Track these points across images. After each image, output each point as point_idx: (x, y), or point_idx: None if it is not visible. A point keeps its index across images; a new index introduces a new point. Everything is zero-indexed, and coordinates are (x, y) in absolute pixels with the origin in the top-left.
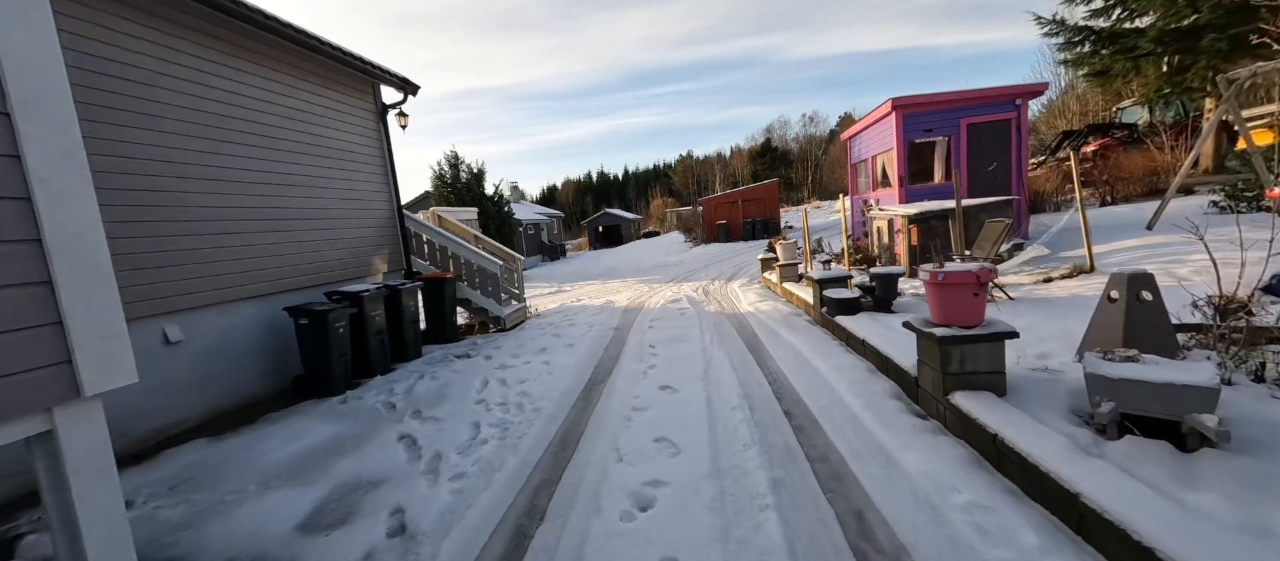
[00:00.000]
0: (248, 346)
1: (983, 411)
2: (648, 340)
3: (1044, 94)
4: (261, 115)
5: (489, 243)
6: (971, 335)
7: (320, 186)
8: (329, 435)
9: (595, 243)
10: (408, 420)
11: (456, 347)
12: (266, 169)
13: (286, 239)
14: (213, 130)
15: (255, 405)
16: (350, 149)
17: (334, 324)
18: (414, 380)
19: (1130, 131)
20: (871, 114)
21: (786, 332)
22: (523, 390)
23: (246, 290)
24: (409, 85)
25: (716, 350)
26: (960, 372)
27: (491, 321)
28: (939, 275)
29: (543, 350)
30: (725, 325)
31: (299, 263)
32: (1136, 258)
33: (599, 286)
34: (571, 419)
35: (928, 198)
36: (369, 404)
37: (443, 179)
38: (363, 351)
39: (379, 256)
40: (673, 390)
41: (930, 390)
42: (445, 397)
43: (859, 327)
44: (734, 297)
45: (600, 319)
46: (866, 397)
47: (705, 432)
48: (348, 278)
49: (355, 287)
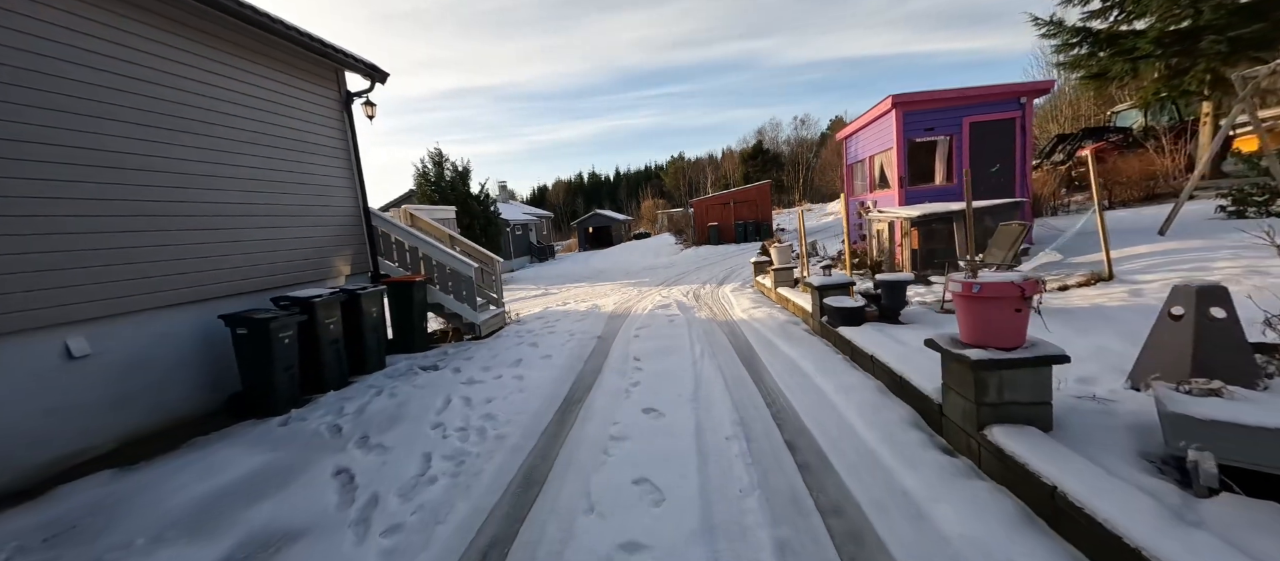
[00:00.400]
0: (177, 359)
1: (1030, 453)
2: (633, 351)
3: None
4: (202, 99)
5: (465, 243)
6: (1012, 359)
7: (272, 180)
8: (255, 467)
9: (585, 244)
10: (351, 449)
11: (424, 358)
12: (206, 159)
13: (229, 237)
14: (140, 113)
15: (183, 427)
16: (309, 139)
17: (277, 334)
18: (370, 397)
19: (1126, 135)
20: (869, 112)
21: (783, 344)
22: (488, 412)
23: (177, 295)
24: (376, 72)
25: (707, 364)
26: (998, 403)
27: (466, 328)
28: (973, 286)
29: (517, 362)
30: (717, 334)
31: (244, 264)
32: (1155, 264)
33: (586, 289)
34: (539, 450)
35: (928, 199)
36: (312, 426)
37: (426, 177)
38: (314, 364)
39: (341, 258)
40: (658, 414)
41: (959, 421)
42: (400, 419)
43: (866, 341)
44: (726, 303)
45: (583, 326)
46: (882, 427)
47: (694, 472)
48: (304, 280)
49: (307, 292)
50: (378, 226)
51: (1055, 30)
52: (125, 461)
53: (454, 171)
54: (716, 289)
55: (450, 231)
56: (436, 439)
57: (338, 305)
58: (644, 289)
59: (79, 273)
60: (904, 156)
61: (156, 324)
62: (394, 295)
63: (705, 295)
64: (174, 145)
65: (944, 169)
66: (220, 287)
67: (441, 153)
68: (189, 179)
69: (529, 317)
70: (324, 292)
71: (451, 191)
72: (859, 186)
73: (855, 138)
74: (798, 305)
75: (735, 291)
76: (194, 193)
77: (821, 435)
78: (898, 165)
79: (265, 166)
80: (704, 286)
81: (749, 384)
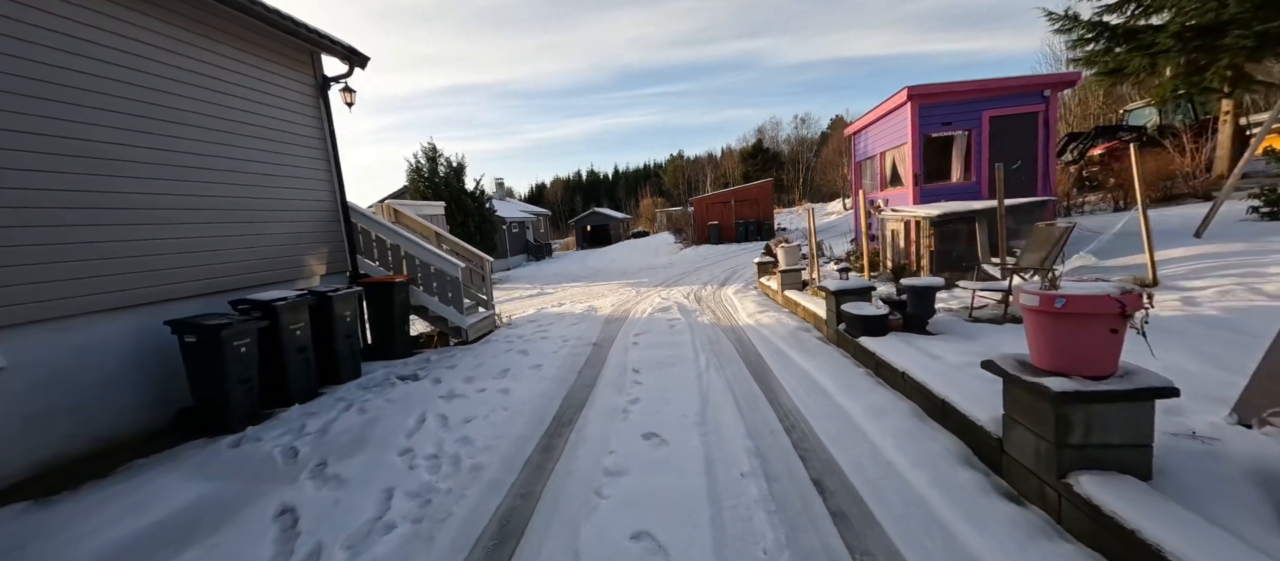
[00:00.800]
0: (117, 370)
1: (1136, 512)
2: (631, 361)
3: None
4: (155, 79)
5: (453, 242)
6: (1105, 391)
7: (236, 171)
8: (190, 502)
9: (583, 242)
10: (303, 480)
11: (404, 366)
12: (159, 145)
13: (186, 233)
14: (76, 92)
15: (123, 447)
16: (279, 127)
17: (231, 341)
18: (338, 412)
19: (1139, 134)
20: (882, 105)
21: (797, 354)
22: (466, 434)
23: (114, 298)
24: (356, 56)
25: (714, 377)
26: (1085, 445)
27: (452, 333)
28: (1056, 299)
29: (504, 373)
30: (722, 342)
31: (198, 263)
32: (1199, 269)
33: (583, 289)
34: (520, 487)
35: (945, 198)
36: (266, 449)
37: (419, 173)
38: (277, 374)
39: (315, 256)
40: (660, 441)
41: (1029, 464)
42: (365, 441)
43: (894, 354)
44: (730, 307)
45: (578, 331)
46: (926, 463)
47: (706, 524)
48: (273, 281)
49: (270, 295)
50: (357, 223)
51: (1070, 24)
52: (45, 492)
53: (448, 167)
54: (718, 290)
55: (437, 229)
56: (402, 469)
57: (305, 309)
58: (643, 290)
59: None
60: (920, 152)
61: (83, 331)
62: (372, 297)
63: (707, 297)
64: (118, 129)
65: (961, 166)
66: (175, 289)
67: (435, 148)
68: (136, 167)
69: (521, 321)
70: (289, 295)
71: (445, 188)
72: (868, 185)
73: (865, 133)
74: (808, 310)
75: (738, 293)
76: (141, 183)
77: (855, 472)
78: (912, 161)
79: (229, 155)
80: (705, 288)
81: (762, 402)
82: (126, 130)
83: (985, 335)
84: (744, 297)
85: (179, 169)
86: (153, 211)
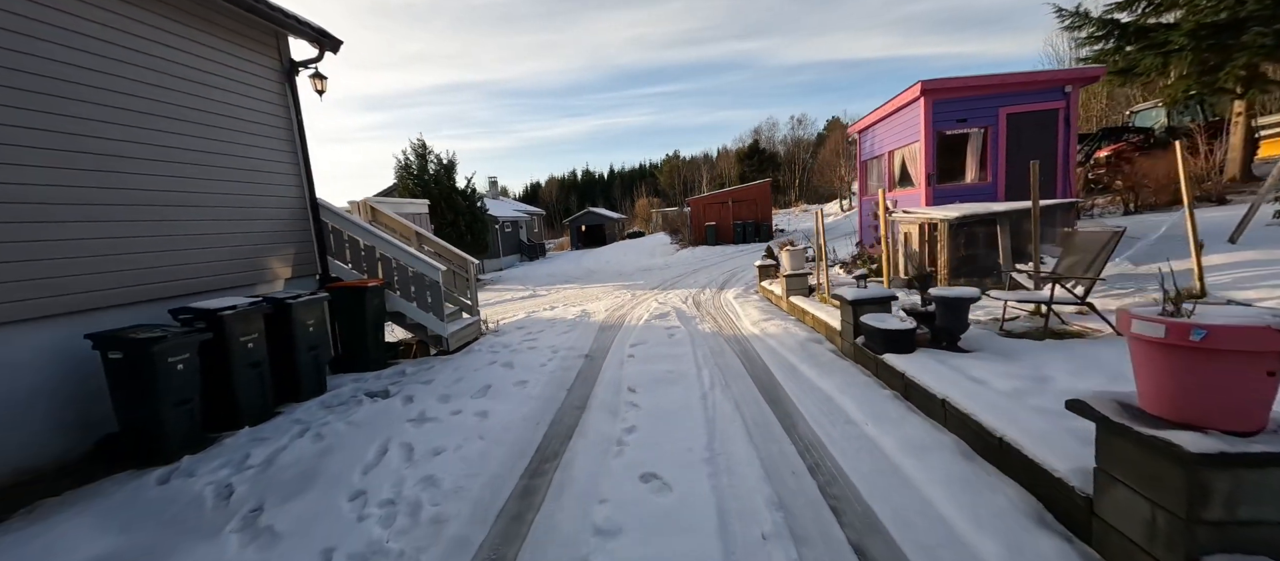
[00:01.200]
0: (22, 394)
1: None
2: (626, 378)
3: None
4: (95, 58)
5: (436, 243)
6: (1263, 454)
7: (188, 161)
8: (92, 560)
9: (577, 242)
10: (228, 533)
11: (376, 380)
12: (95, 133)
13: (111, 233)
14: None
15: (30, 483)
16: (239, 115)
17: (164, 357)
18: (290, 438)
19: (1146, 136)
20: (892, 101)
21: (810, 370)
22: (431, 472)
23: (22, 308)
24: (327, 39)
25: (721, 398)
26: (1226, 522)
27: (431, 341)
28: (1192, 329)
29: (485, 390)
30: (727, 354)
31: (134, 266)
32: (1245, 278)
33: (576, 291)
34: (490, 548)
35: (958, 199)
36: (198, 487)
37: (408, 170)
38: (225, 393)
39: (279, 258)
40: (661, 485)
41: (1138, 539)
42: (313, 478)
43: (928, 376)
44: (731, 313)
45: (569, 340)
46: (994, 523)
47: None
48: (227, 286)
49: (218, 303)
50: (329, 222)
51: (1080, 21)
52: None
53: (438, 164)
54: (718, 294)
55: (418, 228)
56: (350, 520)
57: (260, 318)
58: (638, 292)
59: None
60: (933, 151)
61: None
62: (342, 303)
63: (707, 302)
64: (30, 111)
65: (976, 165)
66: (104, 297)
67: (425, 144)
68: (49, 156)
69: (509, 327)
70: (240, 303)
71: (435, 185)
72: (873, 185)
73: (871, 131)
74: (817, 318)
75: (739, 298)
76: (57, 173)
77: (904, 533)
78: (925, 160)
79: (175, 144)
80: (704, 291)
81: (778, 432)
82: (42, 113)
83: (1027, 354)
84: (746, 303)
85: (108, 159)
86: (74, 208)
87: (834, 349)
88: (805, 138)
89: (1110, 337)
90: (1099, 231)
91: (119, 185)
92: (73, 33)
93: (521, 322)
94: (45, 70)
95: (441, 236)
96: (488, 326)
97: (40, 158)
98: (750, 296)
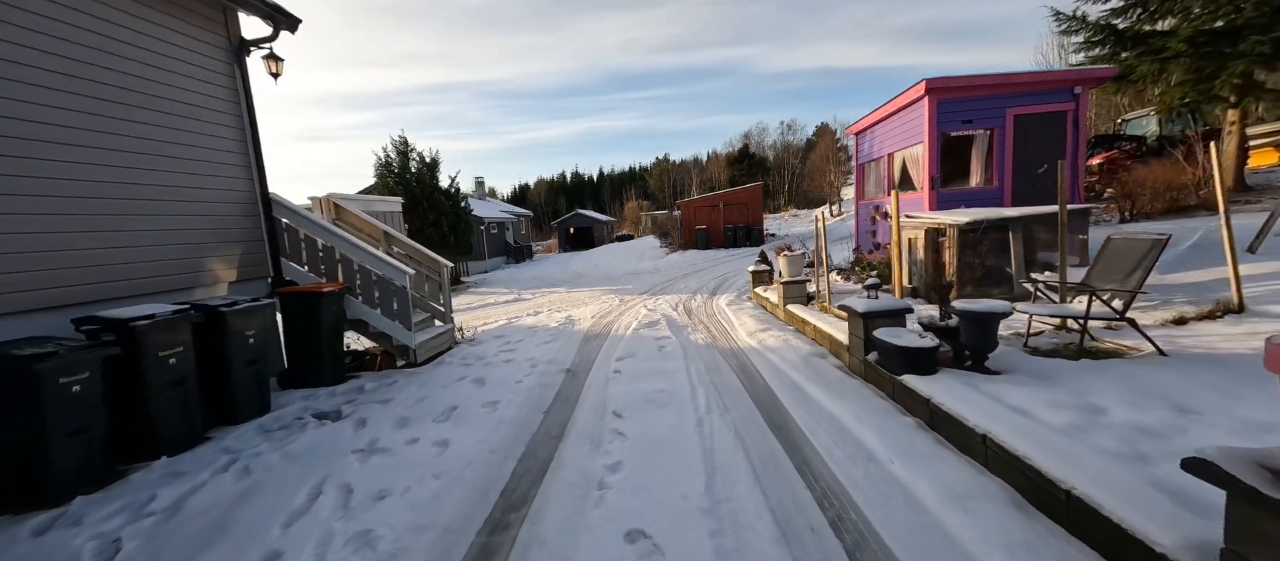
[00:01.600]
0: None
1: None
2: (612, 400)
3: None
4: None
5: (406, 244)
6: None
7: (96, 145)
8: None
9: (565, 245)
10: None
11: (329, 397)
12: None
13: (17, 228)
14: None
15: None
16: (174, 96)
17: (53, 378)
18: (211, 474)
19: (1139, 144)
20: (894, 101)
21: (818, 391)
22: (366, 527)
23: None
24: (282, 15)
25: (719, 426)
26: None
27: (397, 352)
28: None
29: (449, 412)
30: (723, 370)
31: (27, 268)
32: (1275, 291)
33: (562, 295)
34: None
35: (962, 203)
36: (78, 542)
37: (388, 167)
38: (140, 417)
39: (222, 260)
40: (652, 547)
41: None
42: (223, 532)
43: (960, 404)
44: (726, 321)
45: (550, 351)
46: None
47: None
48: (156, 291)
49: (132, 311)
50: (283, 220)
51: (1078, 26)
52: None
53: (421, 162)
54: (710, 301)
55: (387, 228)
56: None
57: (187, 328)
58: (627, 297)
59: None
60: (937, 153)
61: None
62: (293, 310)
63: (698, 309)
64: None
65: (982, 168)
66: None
67: (407, 141)
68: None
69: (486, 335)
70: (160, 312)
71: (417, 184)
72: (871, 189)
73: (871, 132)
74: (819, 329)
75: (733, 305)
76: None
77: None
78: (928, 163)
79: (99, 128)
80: (695, 297)
81: (789, 471)
82: None
83: (1065, 377)
84: (739, 311)
85: (28, 143)
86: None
87: (841, 365)
88: (795, 143)
89: (1151, 357)
90: (1139, 239)
91: (14, 172)
92: (18, 8)
93: (500, 330)
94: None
95: (423, 237)
96: (462, 335)
97: None
98: (744, 303)
